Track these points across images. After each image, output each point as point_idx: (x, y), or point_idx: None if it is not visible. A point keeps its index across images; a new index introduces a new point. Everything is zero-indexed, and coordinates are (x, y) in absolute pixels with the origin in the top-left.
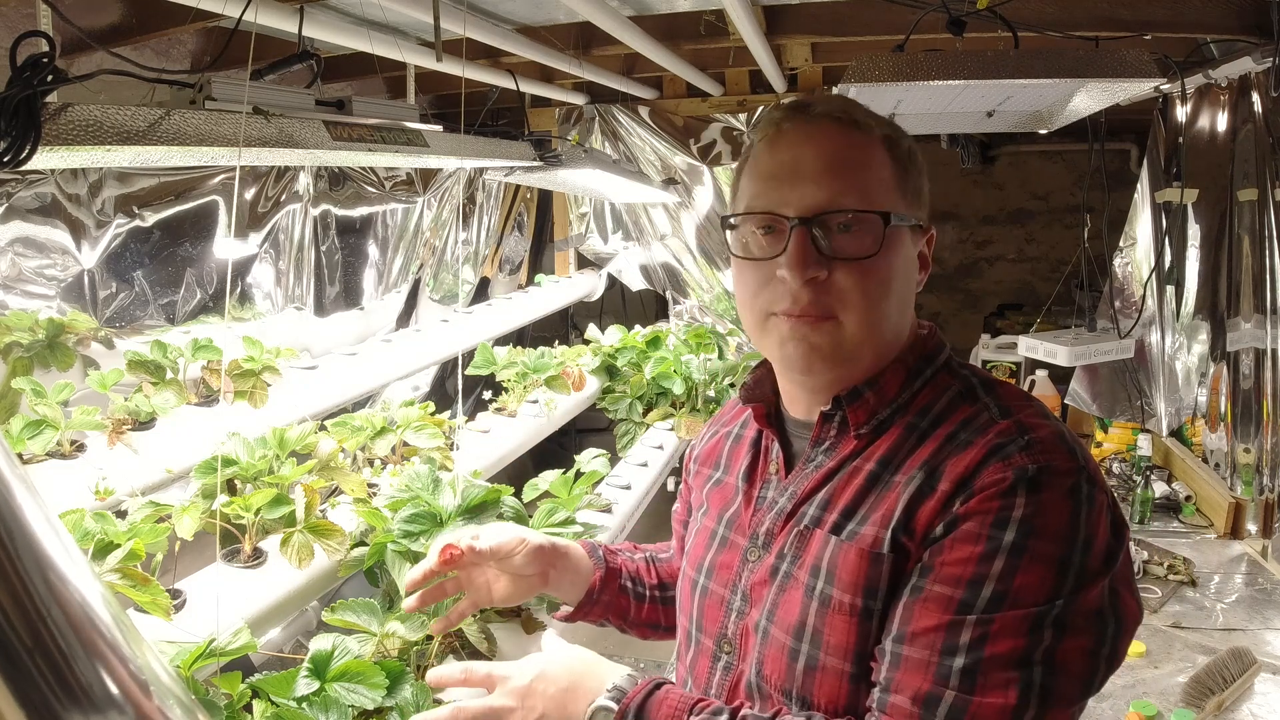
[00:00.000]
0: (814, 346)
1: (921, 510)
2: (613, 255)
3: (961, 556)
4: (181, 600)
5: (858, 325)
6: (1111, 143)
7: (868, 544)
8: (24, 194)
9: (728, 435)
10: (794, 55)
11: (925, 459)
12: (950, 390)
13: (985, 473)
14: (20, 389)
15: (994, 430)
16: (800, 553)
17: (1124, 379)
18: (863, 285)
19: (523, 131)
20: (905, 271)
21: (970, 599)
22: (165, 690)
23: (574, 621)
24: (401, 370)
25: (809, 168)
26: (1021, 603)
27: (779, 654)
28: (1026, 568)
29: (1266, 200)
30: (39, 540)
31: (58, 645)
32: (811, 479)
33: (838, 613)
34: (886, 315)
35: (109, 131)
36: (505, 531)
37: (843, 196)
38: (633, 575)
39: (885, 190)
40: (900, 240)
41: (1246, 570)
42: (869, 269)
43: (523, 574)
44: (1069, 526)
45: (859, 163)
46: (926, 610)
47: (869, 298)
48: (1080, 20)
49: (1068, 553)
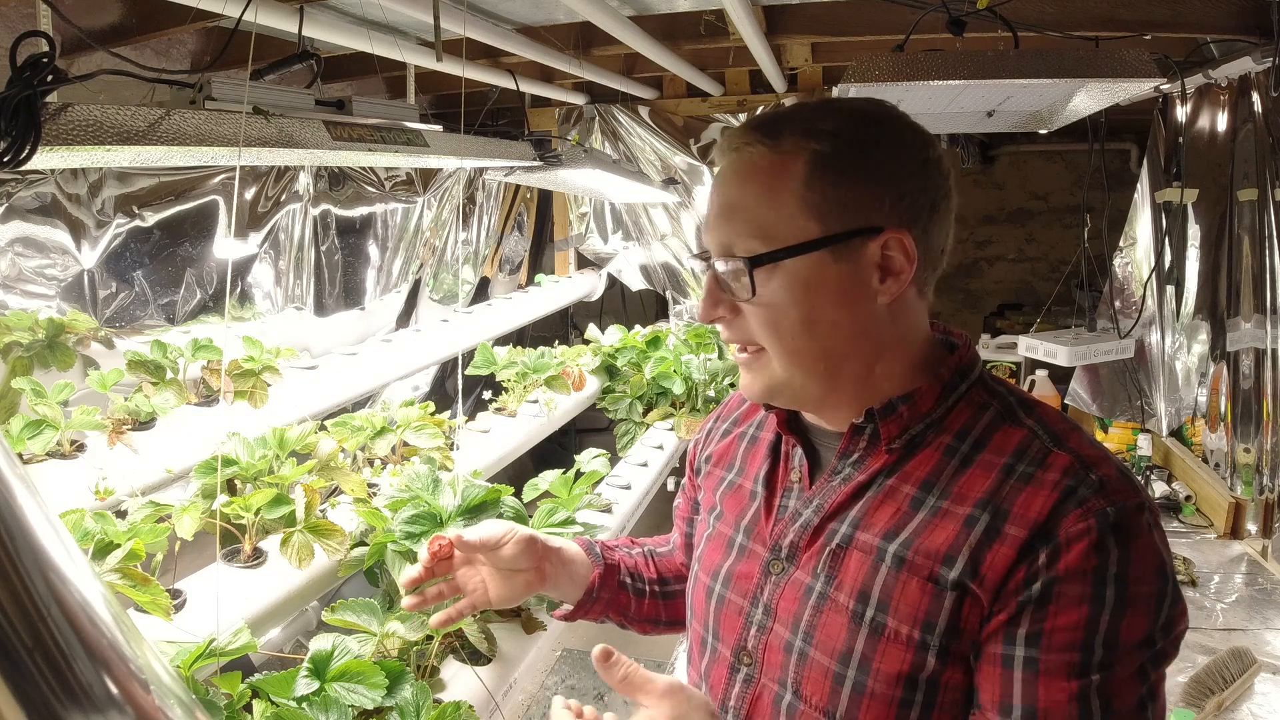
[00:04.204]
0: (752, 379)
1: (992, 556)
2: (613, 255)
3: (1071, 622)
4: (181, 600)
5: (777, 359)
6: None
7: (925, 576)
8: (24, 194)
9: (742, 436)
10: (794, 55)
11: (984, 495)
12: (989, 410)
13: (1066, 522)
14: (20, 389)
15: (1056, 466)
16: (836, 573)
17: (1124, 379)
18: (761, 323)
19: (523, 131)
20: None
21: (1087, 660)
22: (165, 690)
23: (574, 620)
24: (401, 370)
25: (713, 211)
26: (1131, 649)
27: (821, 677)
28: (1131, 615)
29: (1266, 200)
30: (39, 540)
31: (58, 645)
32: (840, 493)
33: (893, 642)
34: (812, 344)
35: (109, 131)
36: (493, 524)
37: (724, 241)
38: (631, 571)
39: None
40: (796, 272)
41: (1246, 570)
42: (760, 308)
43: (516, 569)
44: (1155, 565)
45: (750, 200)
46: (1051, 682)
47: (774, 334)
48: (1080, 20)
49: (1159, 588)
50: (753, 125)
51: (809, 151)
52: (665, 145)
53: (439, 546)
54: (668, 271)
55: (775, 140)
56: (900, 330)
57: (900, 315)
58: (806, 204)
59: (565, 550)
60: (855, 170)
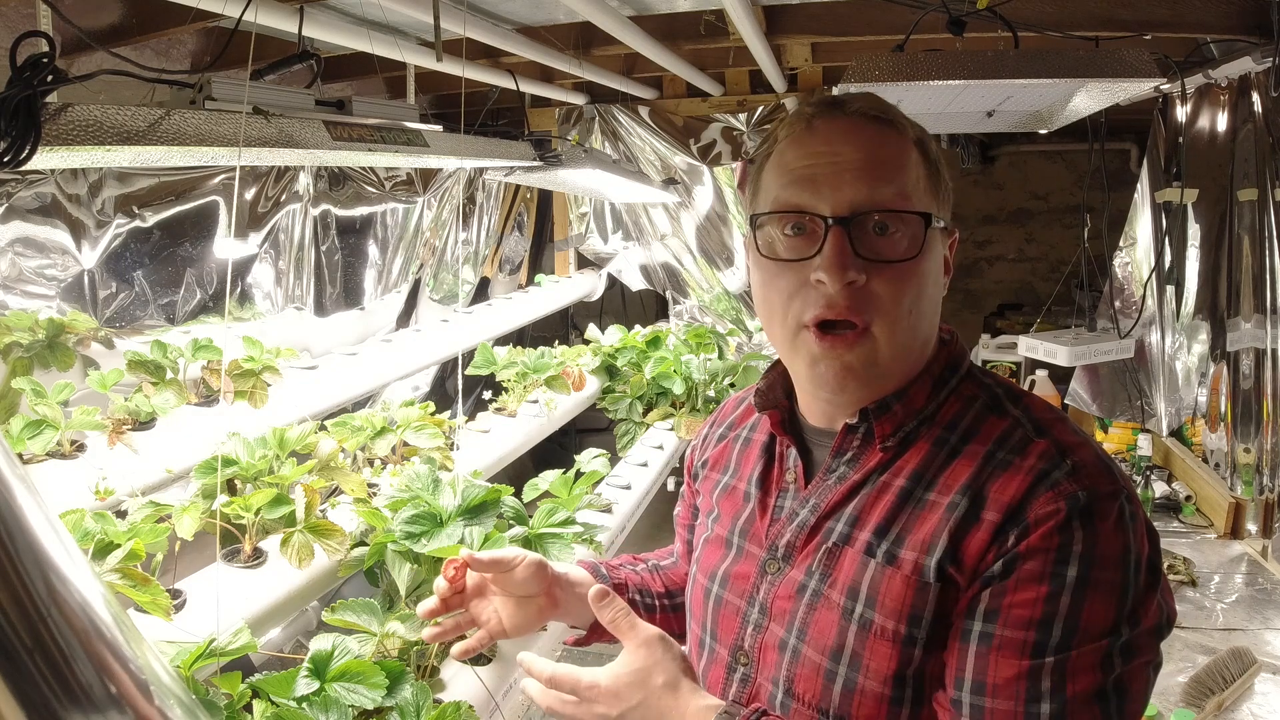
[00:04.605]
0: (847, 367)
1: (969, 541)
2: (613, 255)
3: (1029, 598)
4: (181, 600)
5: (891, 335)
6: (1111, 143)
7: (910, 570)
8: (24, 194)
9: (736, 439)
10: (794, 55)
11: (965, 482)
12: (977, 401)
13: (1036, 504)
14: (20, 389)
15: (1034, 452)
16: (830, 571)
17: (1124, 379)
18: (899, 290)
19: (523, 131)
20: (938, 276)
21: (1043, 640)
22: (165, 690)
23: (589, 644)
24: (401, 370)
25: (847, 164)
26: (1091, 635)
27: (813, 674)
28: (1092, 599)
29: (1266, 200)
30: (39, 540)
31: (58, 645)
32: (835, 492)
33: (880, 638)
34: (919, 323)
35: (109, 131)
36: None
37: (884, 196)
38: (640, 588)
39: (921, 191)
40: (935, 244)
41: (1246, 570)
42: (906, 273)
43: (528, 594)
44: (1124, 551)
45: (896, 162)
46: (1003, 659)
47: (904, 304)
48: (1080, 20)
49: (1127, 576)
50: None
51: (914, 138)
52: (665, 145)
53: (454, 571)
54: (668, 271)
55: (889, 119)
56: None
57: None
58: (929, 183)
59: (572, 574)
60: (940, 168)
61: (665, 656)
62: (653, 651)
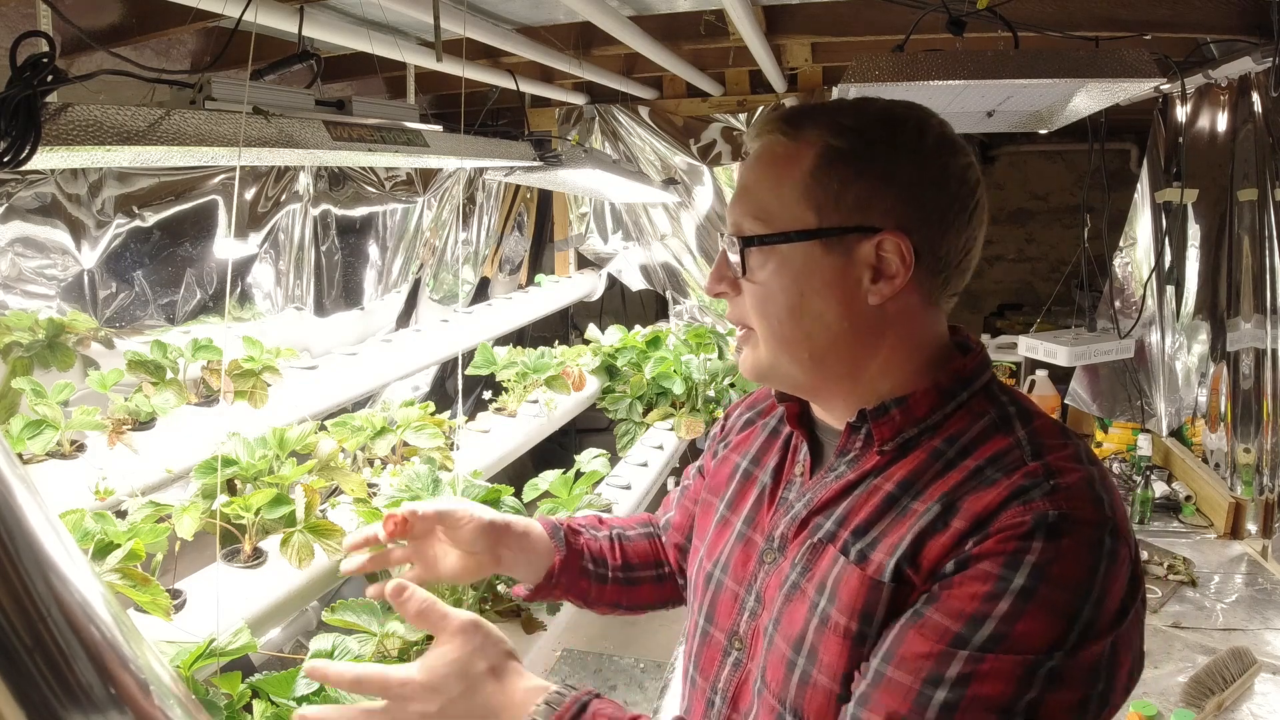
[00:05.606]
0: (744, 362)
1: (931, 544)
2: (613, 255)
3: (968, 593)
4: (181, 600)
5: (763, 341)
6: (1111, 143)
7: (874, 570)
8: (24, 194)
9: (764, 426)
10: (794, 55)
11: (946, 491)
12: (984, 418)
13: (1004, 515)
14: (20, 389)
15: (1021, 471)
16: (811, 566)
17: (1124, 379)
18: (752, 304)
19: (523, 131)
20: (808, 289)
21: (967, 634)
22: (165, 690)
23: (533, 601)
24: (401, 370)
25: (737, 189)
26: (1018, 648)
27: (779, 663)
28: (1032, 614)
29: (1266, 200)
30: (39, 540)
31: (58, 645)
32: (829, 489)
33: (833, 633)
34: (809, 330)
35: (109, 131)
36: (454, 502)
37: (735, 218)
38: (595, 556)
39: (790, 203)
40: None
41: (1246, 570)
42: (756, 289)
43: (471, 551)
44: (1084, 578)
45: (759, 184)
46: (921, 636)
47: (769, 315)
48: (1080, 20)
49: (1078, 605)
50: (780, 114)
51: (823, 144)
52: (665, 145)
53: (393, 526)
54: (668, 271)
55: (795, 130)
56: (901, 334)
57: (901, 319)
58: (808, 194)
59: (529, 535)
60: (864, 169)
61: (486, 642)
62: (470, 638)
